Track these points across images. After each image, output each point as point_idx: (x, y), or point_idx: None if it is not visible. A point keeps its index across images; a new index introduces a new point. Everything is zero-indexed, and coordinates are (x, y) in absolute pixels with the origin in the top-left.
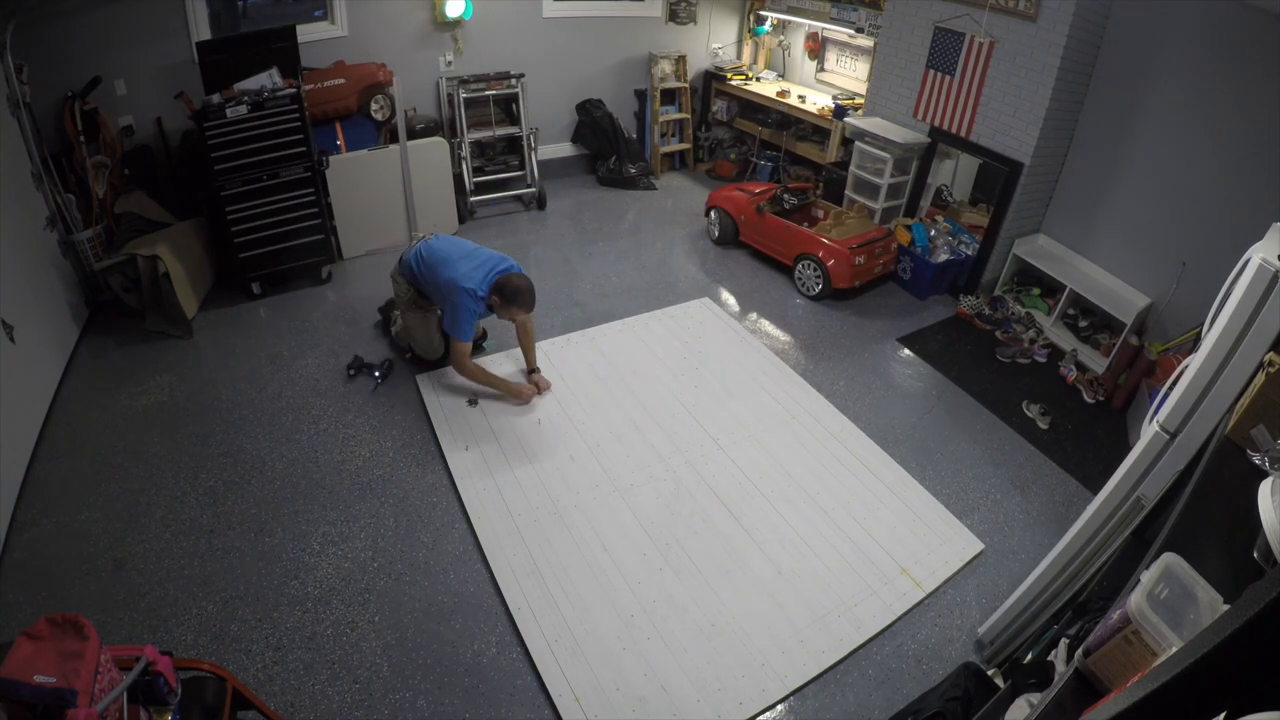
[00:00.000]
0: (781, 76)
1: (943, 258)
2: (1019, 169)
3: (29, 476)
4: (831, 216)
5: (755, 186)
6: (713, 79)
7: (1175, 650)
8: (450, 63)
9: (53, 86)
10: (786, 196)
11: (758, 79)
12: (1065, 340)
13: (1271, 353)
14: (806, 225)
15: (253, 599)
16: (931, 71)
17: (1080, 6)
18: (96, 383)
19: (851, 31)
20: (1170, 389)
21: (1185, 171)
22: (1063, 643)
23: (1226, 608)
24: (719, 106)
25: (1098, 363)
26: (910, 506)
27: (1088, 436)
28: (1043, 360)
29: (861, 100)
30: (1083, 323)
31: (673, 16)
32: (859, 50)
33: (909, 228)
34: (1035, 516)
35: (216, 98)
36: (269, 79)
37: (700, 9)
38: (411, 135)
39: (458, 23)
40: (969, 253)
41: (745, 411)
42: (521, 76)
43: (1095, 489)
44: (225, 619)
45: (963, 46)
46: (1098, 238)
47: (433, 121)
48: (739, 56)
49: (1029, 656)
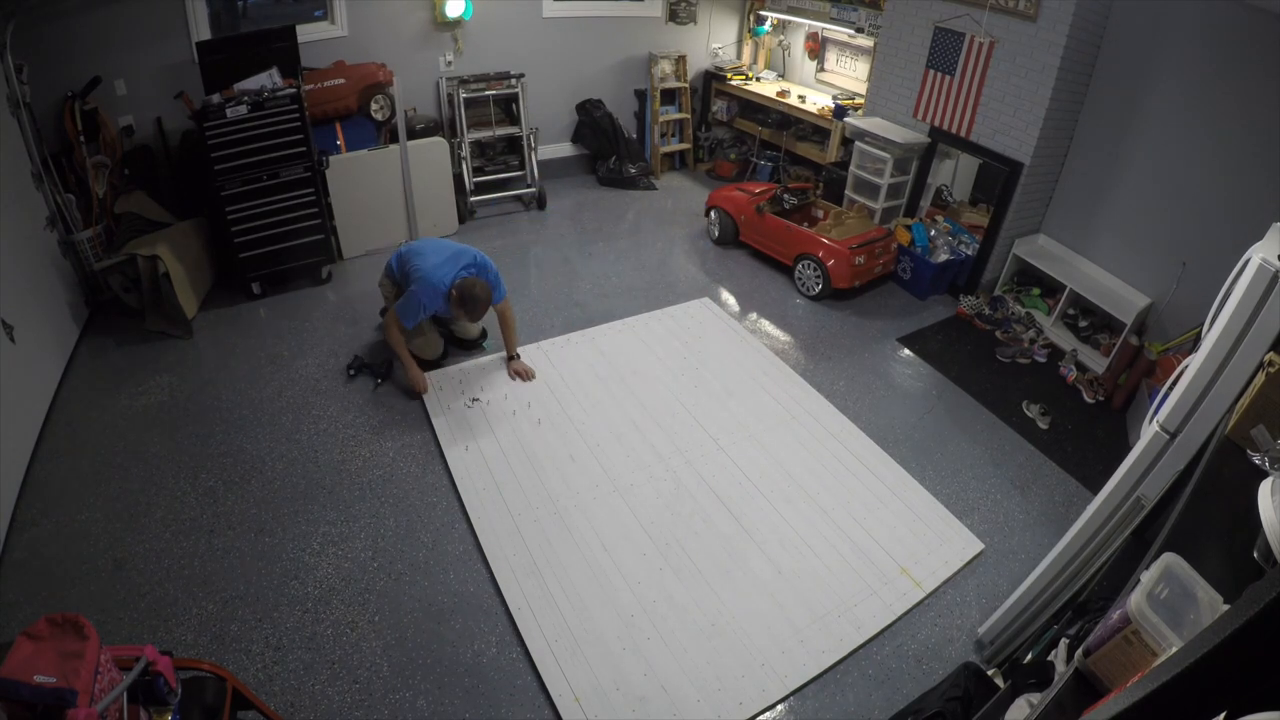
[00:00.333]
0: (781, 76)
1: (943, 258)
2: (1019, 169)
3: (29, 476)
4: (831, 216)
5: (755, 186)
6: (713, 79)
7: (1175, 650)
8: (450, 63)
9: (53, 86)
10: (786, 196)
11: (758, 79)
12: (1065, 340)
13: (1271, 353)
14: (806, 225)
15: (253, 599)
16: (931, 71)
17: (1080, 6)
18: (96, 383)
19: (851, 31)
20: (1170, 389)
21: (1185, 171)
22: (1063, 643)
23: (1226, 608)
24: (719, 106)
25: (1098, 363)
26: (910, 506)
27: (1088, 436)
28: (1043, 360)
29: (861, 100)
30: (1083, 323)
31: (673, 16)
32: (859, 50)
33: (909, 228)
34: (1035, 516)
35: (216, 98)
36: (269, 79)
37: (700, 9)
38: (411, 135)
39: (458, 23)
40: (969, 253)
41: (745, 411)
42: (521, 76)
43: (1095, 489)
44: (225, 619)
45: (963, 46)
46: (1098, 238)
47: (433, 121)
48: (739, 56)
49: (1029, 656)
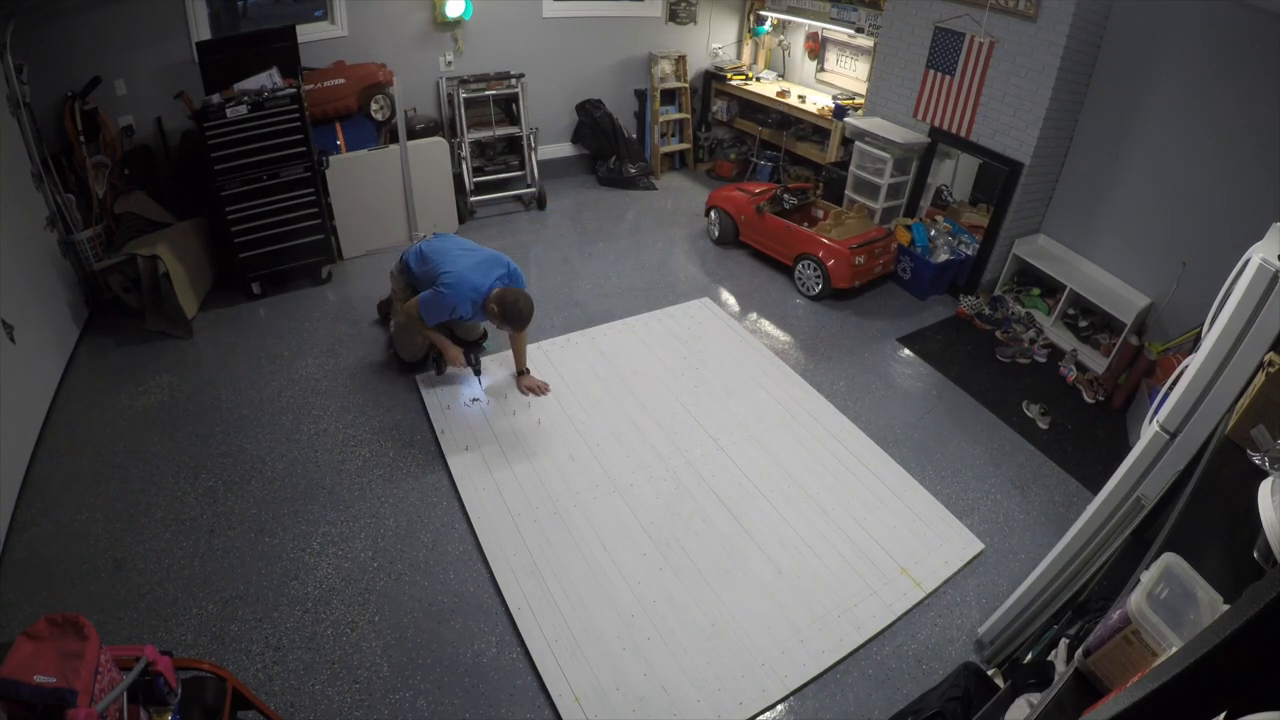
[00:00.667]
0: (781, 76)
1: (943, 258)
2: (1019, 169)
3: (29, 476)
4: (831, 216)
5: (755, 186)
6: (713, 79)
7: (1175, 650)
8: (450, 63)
9: (53, 86)
10: (786, 196)
11: (758, 79)
12: (1065, 340)
13: (1271, 353)
14: (806, 225)
15: (253, 599)
16: (931, 71)
17: (1080, 6)
18: (96, 383)
19: (851, 31)
20: (1170, 389)
21: (1185, 171)
22: (1063, 643)
23: (1226, 608)
24: (719, 106)
25: (1098, 363)
26: (910, 506)
27: (1088, 436)
28: (1043, 360)
29: (861, 100)
30: (1083, 323)
31: (673, 16)
32: (859, 50)
33: (909, 228)
34: (1035, 516)
35: (216, 98)
36: (269, 79)
37: (700, 9)
38: (411, 135)
39: (458, 23)
40: (969, 253)
41: (745, 411)
42: (521, 76)
43: (1095, 489)
44: (225, 619)
45: (963, 46)
46: (1098, 238)
47: (433, 121)
48: (739, 56)
49: (1029, 656)
